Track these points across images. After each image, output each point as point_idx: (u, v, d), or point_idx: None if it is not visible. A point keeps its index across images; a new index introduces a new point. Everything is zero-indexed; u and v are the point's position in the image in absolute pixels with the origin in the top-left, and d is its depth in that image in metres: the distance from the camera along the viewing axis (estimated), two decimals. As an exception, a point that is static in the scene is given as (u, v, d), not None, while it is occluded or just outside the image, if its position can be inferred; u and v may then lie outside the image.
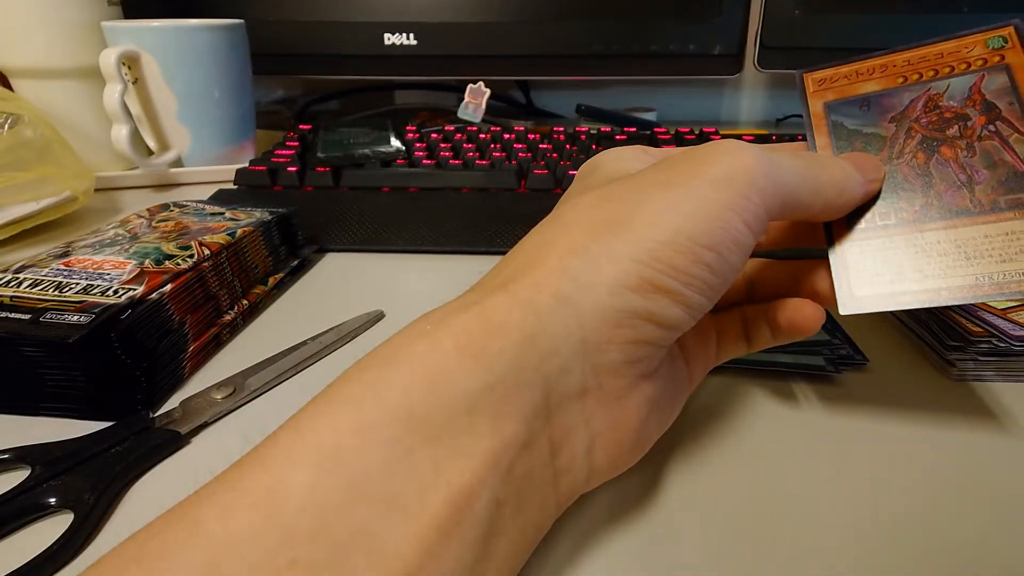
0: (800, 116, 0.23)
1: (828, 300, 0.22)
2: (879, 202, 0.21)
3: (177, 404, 0.25)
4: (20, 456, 0.22)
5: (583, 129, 0.61)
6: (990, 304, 0.28)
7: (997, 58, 0.20)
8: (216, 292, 0.30)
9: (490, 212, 0.45)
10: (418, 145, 0.55)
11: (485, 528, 0.15)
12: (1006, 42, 0.20)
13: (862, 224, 0.21)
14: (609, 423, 0.18)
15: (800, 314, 0.22)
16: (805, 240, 0.24)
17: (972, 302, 0.20)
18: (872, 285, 0.21)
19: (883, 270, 0.21)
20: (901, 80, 0.20)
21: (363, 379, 0.15)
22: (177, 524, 0.13)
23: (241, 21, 0.54)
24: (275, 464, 0.14)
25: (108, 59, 0.47)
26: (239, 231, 0.33)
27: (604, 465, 0.18)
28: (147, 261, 0.28)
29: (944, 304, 0.20)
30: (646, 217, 0.17)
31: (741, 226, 0.18)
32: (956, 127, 0.20)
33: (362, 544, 0.13)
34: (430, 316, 0.17)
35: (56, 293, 0.25)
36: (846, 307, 0.21)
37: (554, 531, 0.20)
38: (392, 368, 0.15)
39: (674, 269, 0.17)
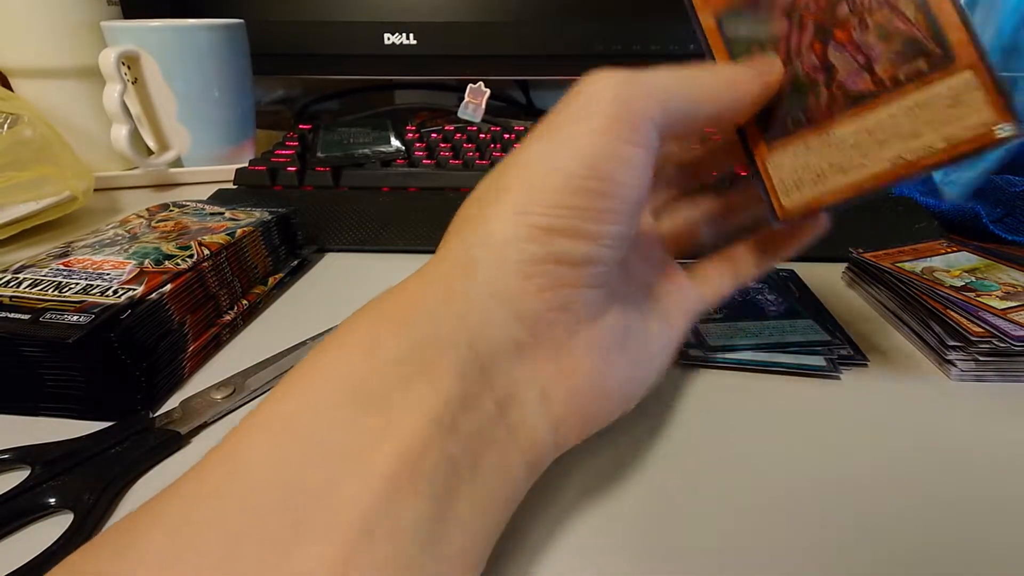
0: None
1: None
2: (786, 105, 0.20)
3: (177, 404, 0.25)
4: (20, 456, 0.22)
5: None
6: (989, 304, 0.28)
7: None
8: (216, 292, 0.30)
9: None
10: (418, 145, 0.55)
11: (441, 485, 0.15)
12: None
13: (775, 131, 0.21)
14: (556, 371, 0.18)
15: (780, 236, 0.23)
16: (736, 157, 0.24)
17: (894, 185, 0.19)
18: (798, 191, 0.21)
19: (804, 175, 0.20)
20: None
21: (312, 362, 0.16)
22: (146, 506, 0.14)
23: (241, 21, 0.54)
24: (233, 437, 0.15)
25: (108, 59, 0.47)
26: (239, 231, 0.33)
27: (567, 414, 0.18)
28: (147, 261, 0.28)
29: (870, 192, 0.19)
30: (521, 170, 0.18)
31: (616, 142, 0.17)
32: (845, 4, 0.19)
33: (321, 496, 0.14)
34: (365, 306, 0.18)
35: (56, 293, 0.25)
36: (777, 219, 0.21)
37: (549, 532, 0.20)
38: (336, 349, 0.16)
39: (559, 207, 0.17)
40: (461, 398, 0.16)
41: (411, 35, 0.64)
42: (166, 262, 0.28)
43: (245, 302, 0.32)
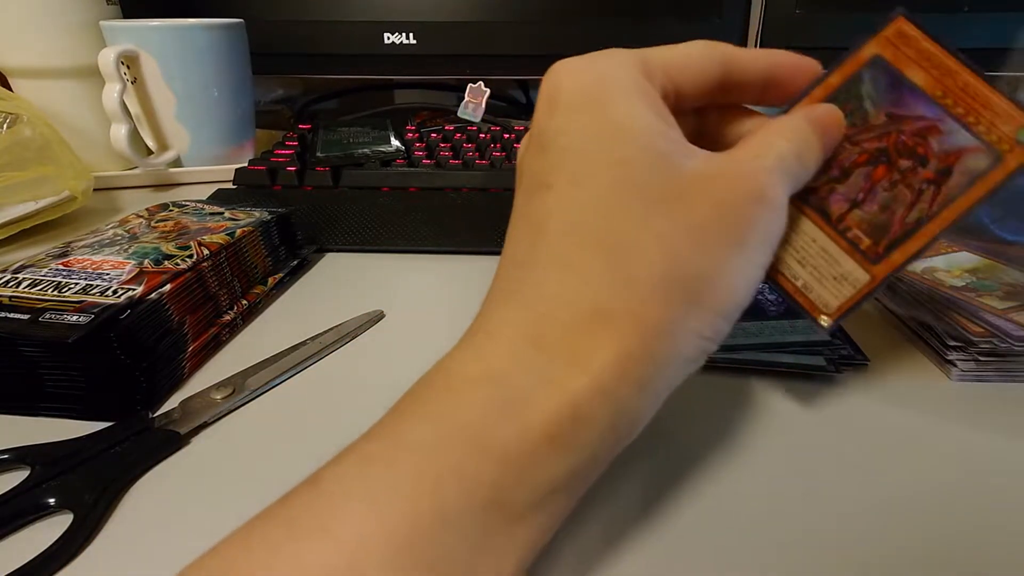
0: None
1: None
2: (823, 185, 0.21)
3: (176, 404, 0.25)
4: (20, 456, 0.22)
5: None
6: (990, 304, 0.28)
7: (1007, 146, 0.19)
8: (215, 292, 0.30)
9: (490, 212, 0.45)
10: (418, 145, 0.55)
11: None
12: None
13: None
14: None
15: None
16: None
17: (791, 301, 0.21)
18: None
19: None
20: (940, 94, 0.19)
21: (447, 461, 0.14)
22: None
23: (241, 21, 0.54)
24: (346, 543, 0.13)
25: (107, 58, 0.47)
26: (238, 231, 0.32)
27: None
28: (146, 261, 0.28)
29: (776, 288, 0.21)
30: (719, 290, 0.17)
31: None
32: (911, 162, 0.20)
33: None
34: (500, 383, 0.15)
35: (55, 293, 0.25)
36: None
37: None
38: (479, 453, 0.15)
39: (723, 334, 0.17)
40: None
41: (411, 35, 0.64)
42: (166, 262, 0.28)
43: (245, 302, 0.32)
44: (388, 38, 0.64)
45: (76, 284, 0.26)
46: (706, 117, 0.22)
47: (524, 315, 0.16)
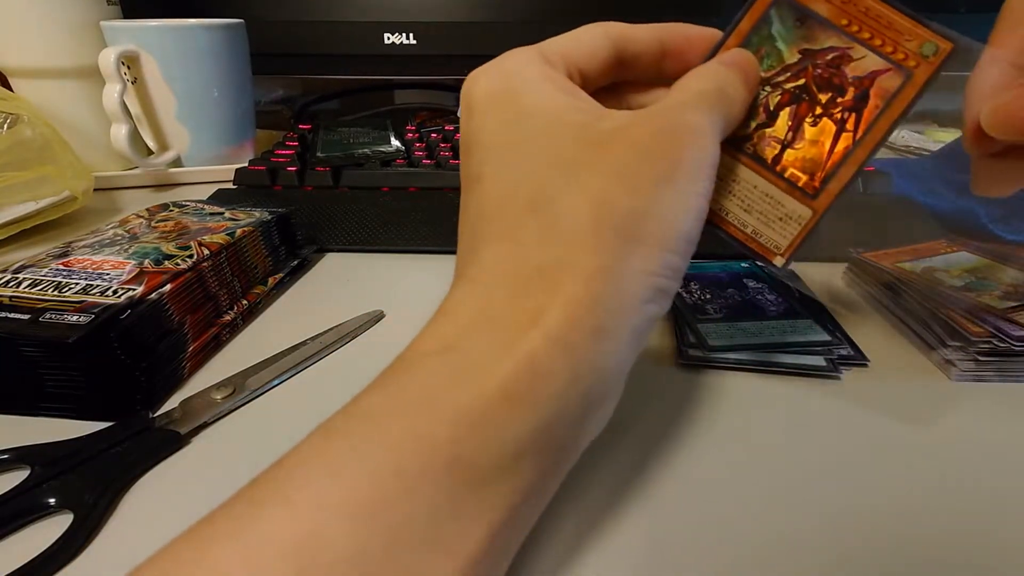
0: None
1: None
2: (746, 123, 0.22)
3: (177, 404, 0.25)
4: (20, 456, 0.22)
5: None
6: (990, 304, 0.28)
7: (913, 62, 0.20)
8: (216, 292, 0.30)
9: (490, 212, 0.45)
10: (418, 145, 0.55)
11: (510, 552, 0.15)
12: (934, 52, 0.19)
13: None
14: None
15: None
16: None
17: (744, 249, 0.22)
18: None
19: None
20: (845, 22, 0.20)
21: (401, 424, 0.14)
22: (193, 566, 0.13)
23: (241, 21, 0.54)
24: (306, 510, 0.13)
25: (107, 58, 0.47)
26: (238, 231, 0.32)
27: None
28: (146, 261, 0.28)
29: (725, 235, 0.21)
30: (656, 224, 0.17)
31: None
32: (830, 94, 0.20)
33: None
34: (453, 350, 0.16)
35: (55, 293, 0.25)
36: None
37: (542, 530, 0.20)
38: (432, 414, 0.15)
39: (677, 270, 0.17)
40: (556, 464, 0.17)
41: (411, 35, 0.64)
42: (166, 262, 0.28)
43: (245, 302, 0.32)
44: (388, 38, 0.64)
45: (76, 284, 0.26)
46: (626, 98, 0.23)
47: (473, 290, 0.17)
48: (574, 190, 0.17)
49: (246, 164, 0.52)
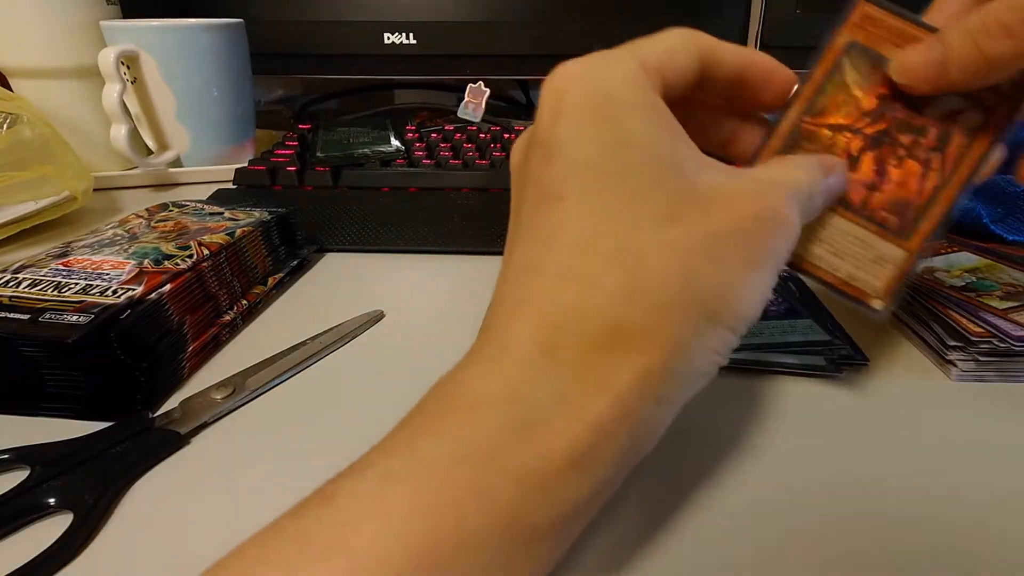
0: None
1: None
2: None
3: (177, 404, 0.25)
4: (20, 456, 0.22)
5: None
6: (990, 304, 0.28)
7: (992, 98, 0.20)
8: (215, 292, 0.30)
9: (490, 212, 0.45)
10: (418, 145, 0.55)
11: None
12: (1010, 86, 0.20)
13: None
14: None
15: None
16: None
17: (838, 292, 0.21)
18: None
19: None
20: None
21: (468, 479, 0.14)
22: None
23: (241, 21, 0.54)
24: (366, 561, 0.13)
25: (107, 58, 0.47)
26: (238, 231, 0.32)
27: None
28: (146, 261, 0.28)
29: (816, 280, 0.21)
30: (735, 305, 0.17)
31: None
32: (911, 136, 0.20)
33: None
34: (518, 403, 0.15)
35: (55, 293, 0.25)
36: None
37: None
38: (498, 472, 0.14)
39: (733, 348, 0.17)
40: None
41: (411, 35, 0.64)
42: (165, 262, 0.28)
43: (245, 302, 0.32)
44: (388, 38, 0.64)
45: (76, 284, 0.26)
46: (690, 113, 0.22)
47: (538, 327, 0.16)
48: (666, 251, 0.16)
49: (246, 164, 0.52)
